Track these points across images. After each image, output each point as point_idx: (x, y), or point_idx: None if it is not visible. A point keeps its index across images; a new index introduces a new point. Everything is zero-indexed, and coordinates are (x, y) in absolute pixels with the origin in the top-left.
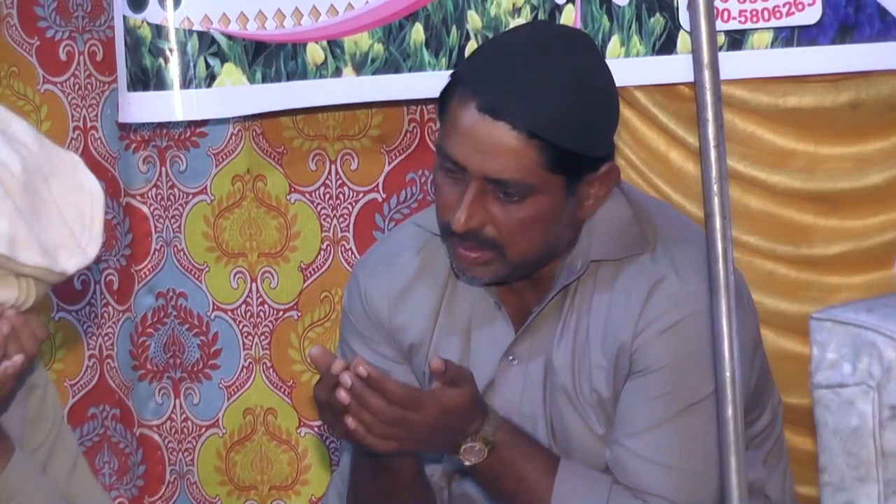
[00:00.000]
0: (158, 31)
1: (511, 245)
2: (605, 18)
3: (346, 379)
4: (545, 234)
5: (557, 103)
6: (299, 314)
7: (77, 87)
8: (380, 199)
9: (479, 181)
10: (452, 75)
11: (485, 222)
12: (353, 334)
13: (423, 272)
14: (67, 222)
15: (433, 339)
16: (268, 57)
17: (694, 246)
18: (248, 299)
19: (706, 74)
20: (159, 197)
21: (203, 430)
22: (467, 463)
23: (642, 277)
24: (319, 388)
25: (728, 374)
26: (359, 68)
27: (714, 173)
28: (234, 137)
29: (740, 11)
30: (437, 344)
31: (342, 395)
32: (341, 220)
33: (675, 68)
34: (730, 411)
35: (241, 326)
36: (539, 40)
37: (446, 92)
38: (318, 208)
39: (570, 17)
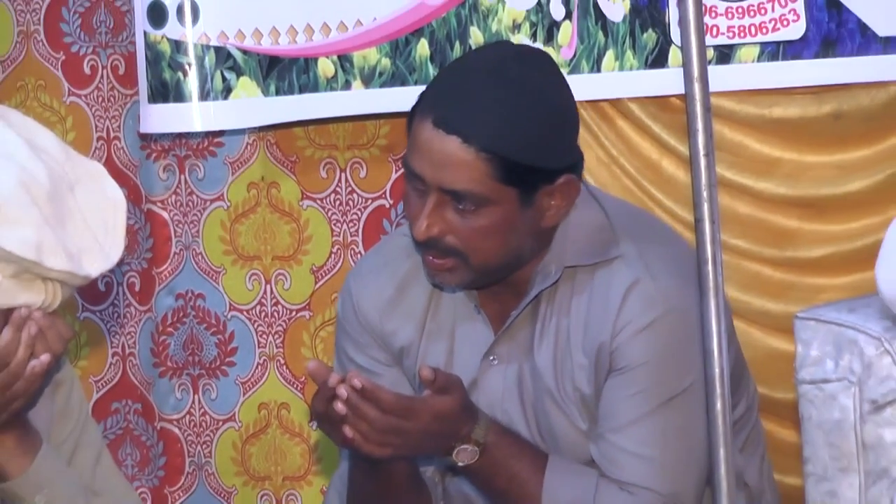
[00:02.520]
0: (177, 46)
1: (472, 252)
2: (601, 34)
3: (342, 391)
4: (504, 242)
5: (509, 118)
6: (311, 314)
7: (100, 99)
8: (387, 206)
9: (436, 192)
10: (419, 95)
11: (444, 231)
12: (348, 340)
13: (411, 280)
14: (91, 228)
15: (421, 342)
16: (281, 71)
17: (666, 247)
18: (262, 300)
19: (696, 87)
20: (178, 203)
21: (220, 423)
22: (460, 464)
23: (618, 280)
24: (317, 400)
25: (717, 370)
26: (367, 81)
27: (704, 180)
28: (249, 147)
29: (728, 27)
30: (425, 347)
31: (339, 406)
32: (351, 225)
33: (667, 81)
34: (719, 405)
35: (255, 326)
36: (495, 59)
37: (413, 109)
38: (329, 214)
39: (567, 32)
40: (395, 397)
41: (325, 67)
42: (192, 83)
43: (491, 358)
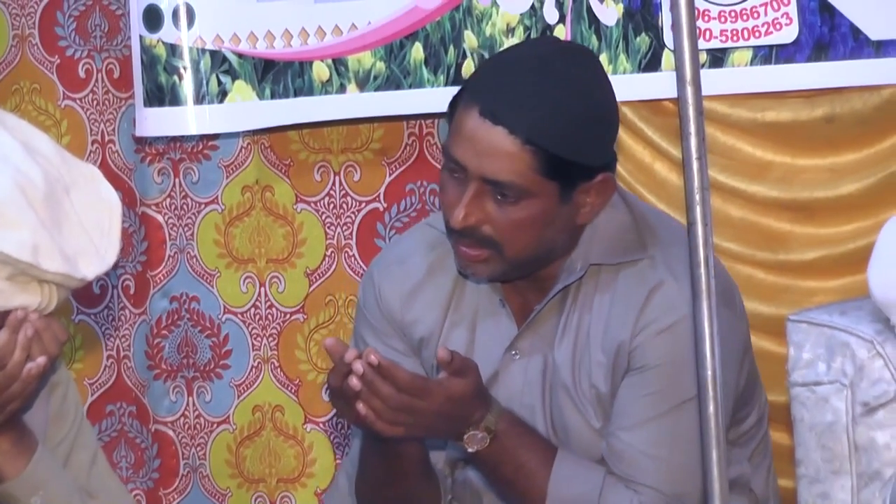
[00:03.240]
0: (173, 49)
1: (507, 244)
2: (594, 38)
3: (358, 367)
4: (540, 235)
5: (553, 113)
6: (305, 317)
7: (95, 102)
8: (381, 209)
9: (477, 181)
10: (463, 85)
11: (482, 221)
12: (367, 328)
13: (434, 270)
14: (87, 231)
15: (442, 333)
16: (276, 74)
17: (675, 230)
18: (256, 303)
19: (689, 91)
20: (173, 206)
21: (214, 426)
22: (470, 450)
23: (642, 281)
24: (333, 375)
25: (710, 372)
26: (362, 85)
27: (696, 184)
28: (243, 150)
29: (721, 31)
30: (446, 338)
31: (354, 381)
32: (345, 228)
33: (660, 85)
34: (711, 408)
35: (250, 328)
36: (541, 54)
37: (455, 99)
38: (323, 217)
39: (560, 36)
40: (410, 376)
41: (320, 71)
42: (187, 87)
43: (513, 352)
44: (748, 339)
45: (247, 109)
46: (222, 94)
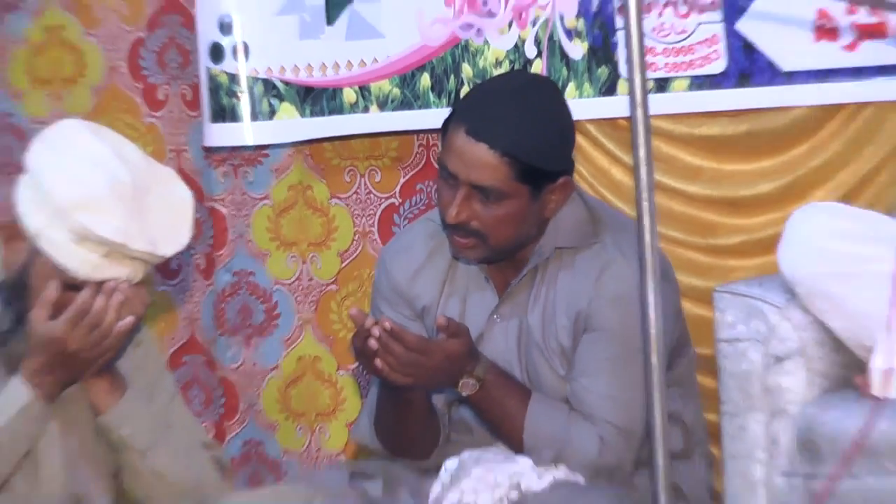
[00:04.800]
0: (232, 78)
1: (491, 235)
2: (564, 69)
3: (375, 331)
4: (517, 227)
5: (524, 131)
6: (337, 287)
7: (172, 119)
8: (397, 203)
9: (466, 187)
10: (452, 109)
11: (470, 217)
12: (381, 300)
13: (434, 255)
14: (167, 219)
15: (440, 304)
16: (314, 98)
17: (634, 236)
18: (300, 276)
19: (639, 112)
20: (233, 201)
21: (267, 372)
22: (463, 394)
23: (595, 260)
24: (356, 338)
25: (653, 331)
26: (381, 106)
27: (644, 185)
28: (289, 157)
29: (665, 64)
30: (443, 307)
31: (372, 343)
32: (368, 218)
33: (616, 106)
34: (654, 359)
35: (295, 296)
36: (514, 85)
37: (447, 121)
38: (352, 210)
39: (538, 68)
40: (415, 337)
41: (349, 95)
42: (244, 107)
43: (495, 317)
44: (680, 305)
45: (291, 125)
46: (271, 113)
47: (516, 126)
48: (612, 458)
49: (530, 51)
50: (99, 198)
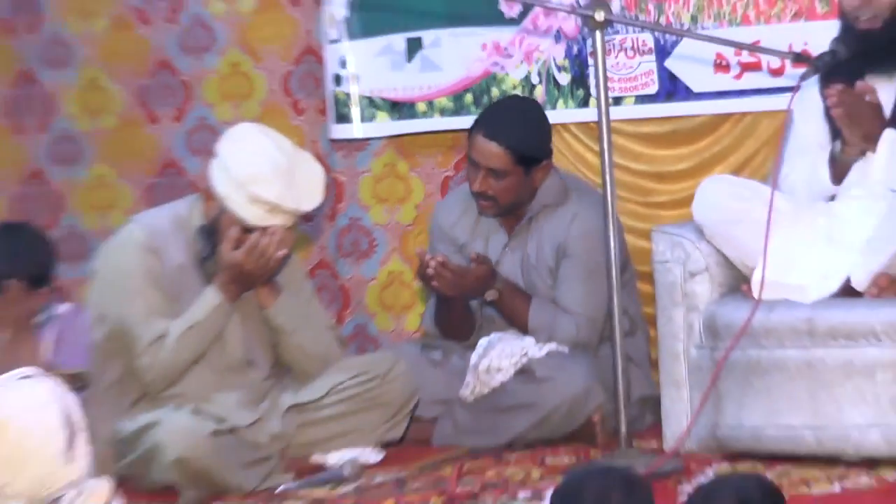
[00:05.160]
0: (348, 96)
1: (501, 199)
2: (556, 91)
3: (432, 263)
4: (516, 194)
5: (518, 133)
6: (413, 228)
7: (310, 122)
8: (451, 175)
9: (484, 169)
10: (474, 120)
11: (487, 189)
12: (435, 240)
13: (466, 210)
14: (307, 187)
15: (472, 242)
16: (399, 108)
17: (592, 197)
18: (390, 221)
19: (603, 118)
20: (348, 174)
21: (369, 281)
22: (489, 300)
23: (567, 213)
24: (419, 267)
25: (612, 254)
26: (441, 114)
27: (607, 164)
28: (383, 146)
29: (619, 87)
30: (474, 245)
31: (429, 270)
32: (433, 185)
33: (589, 114)
34: (614, 272)
35: (387, 233)
36: (512, 104)
37: (471, 127)
38: (423, 179)
39: (540, 90)
40: (457, 266)
41: (420, 107)
42: (355, 114)
43: (506, 250)
44: (624, 239)
45: (384, 126)
46: (372, 118)
47: (513, 130)
48: (584, 336)
49: (535, 79)
50: (264, 174)
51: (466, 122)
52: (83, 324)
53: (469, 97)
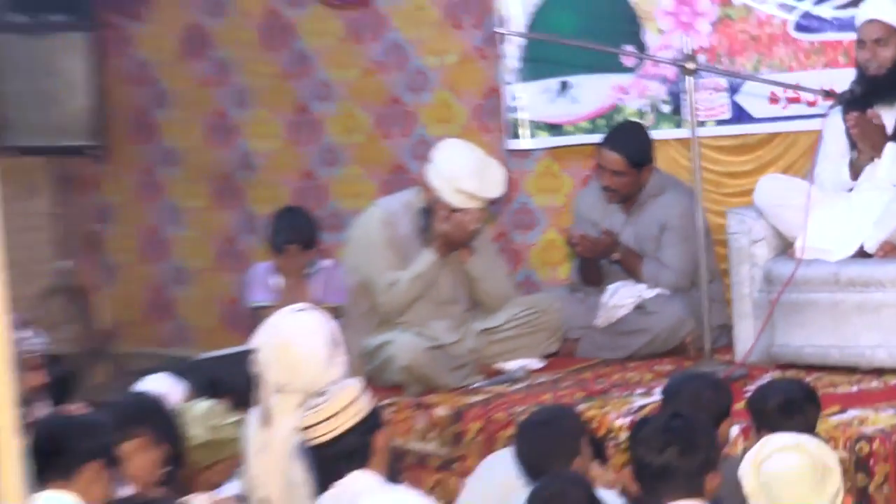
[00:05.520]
0: (519, 121)
1: (621, 191)
2: (660, 117)
3: (576, 235)
4: (631, 187)
5: (631, 145)
6: (563, 209)
7: (494, 138)
8: (588, 175)
9: (609, 171)
10: (603, 136)
11: (612, 184)
12: (577, 218)
13: (599, 198)
14: (493, 181)
15: (603, 221)
16: (553, 128)
17: (683, 188)
18: (547, 205)
19: (694, 135)
20: (519, 172)
21: (533, 245)
22: (614, 259)
23: (666, 199)
24: (568, 238)
25: (699, 224)
26: (584, 132)
27: (697, 165)
28: (544, 154)
29: (703, 115)
30: (603, 222)
31: (574, 240)
32: (577, 180)
33: (683, 133)
34: (702, 239)
35: (545, 213)
36: (626, 125)
37: (600, 142)
38: (570, 177)
39: (649, 118)
40: (593, 237)
41: (568, 128)
42: (524, 133)
43: (625, 225)
44: (706, 218)
45: (544, 140)
46: (535, 135)
47: (628, 144)
48: (680, 283)
49: (645, 109)
50: (464, 173)
51: (598, 138)
52: (340, 274)
53: (600, 121)
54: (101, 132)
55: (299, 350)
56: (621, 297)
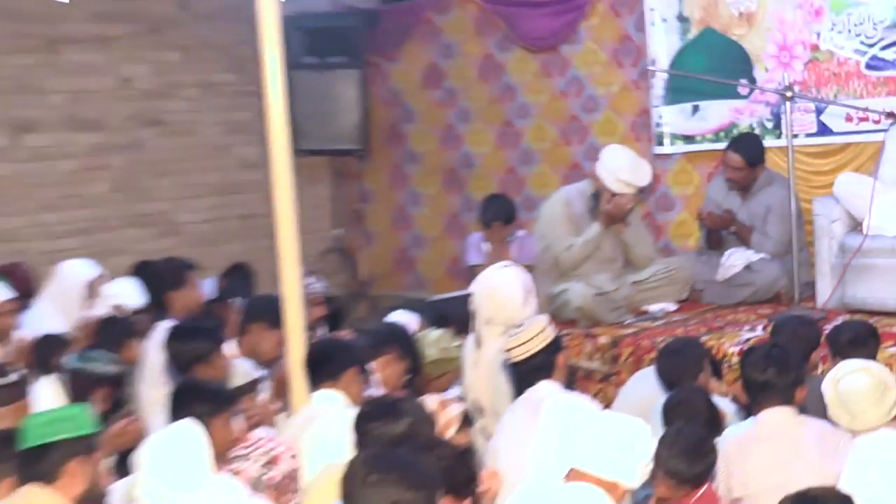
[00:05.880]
0: (663, 133)
1: (740, 182)
2: (765, 131)
3: (704, 213)
4: (748, 178)
5: (750, 148)
6: (694, 197)
7: (645, 146)
8: (712, 171)
9: (731, 168)
10: (728, 143)
11: (733, 176)
12: (707, 201)
13: (723, 187)
14: (643, 174)
15: (724, 202)
16: (688, 139)
17: (784, 181)
18: (682, 193)
19: (790, 144)
20: (661, 169)
21: (670, 222)
22: (732, 230)
23: (771, 189)
24: (698, 216)
25: (792, 207)
26: (709, 142)
27: (791, 164)
28: (680, 157)
29: (797, 129)
30: (725, 203)
31: (703, 216)
32: (703, 175)
33: (782, 143)
34: (793, 217)
35: (681, 199)
36: (745, 135)
37: (726, 147)
38: (699, 173)
39: (757, 131)
40: (718, 214)
41: (698, 139)
42: (666, 142)
43: (741, 207)
44: (799, 204)
45: (680, 147)
46: (674, 143)
47: (746, 148)
48: (778, 250)
49: (754, 125)
50: (624, 167)
51: (720, 146)
52: (531, 241)
53: (721, 134)
54: (364, 139)
55: (503, 294)
56: (735, 259)
